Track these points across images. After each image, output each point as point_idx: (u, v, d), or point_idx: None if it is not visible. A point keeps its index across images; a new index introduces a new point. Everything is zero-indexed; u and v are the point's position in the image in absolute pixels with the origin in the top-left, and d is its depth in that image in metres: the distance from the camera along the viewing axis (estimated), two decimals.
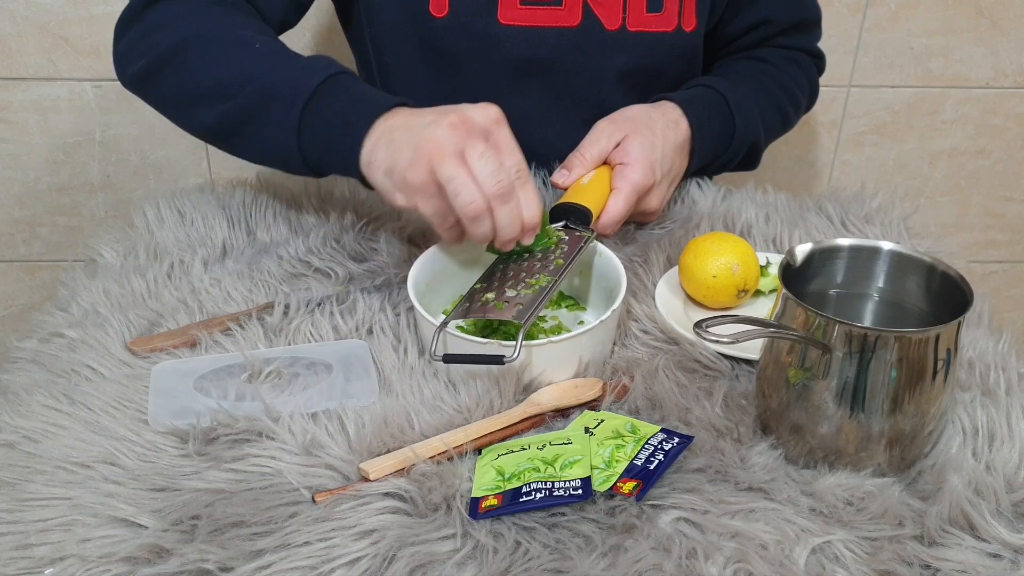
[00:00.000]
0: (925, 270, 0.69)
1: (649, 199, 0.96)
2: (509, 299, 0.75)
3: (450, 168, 0.73)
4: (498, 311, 0.74)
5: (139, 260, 0.92)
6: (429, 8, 1.00)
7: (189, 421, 0.69)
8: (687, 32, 1.05)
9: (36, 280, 1.61)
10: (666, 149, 0.96)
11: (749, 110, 1.06)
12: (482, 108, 0.77)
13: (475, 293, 0.78)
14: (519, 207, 0.76)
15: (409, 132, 0.77)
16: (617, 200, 0.91)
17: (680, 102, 1.00)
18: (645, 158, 0.93)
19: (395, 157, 0.78)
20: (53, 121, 1.46)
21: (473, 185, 0.73)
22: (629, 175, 0.92)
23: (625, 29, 1.02)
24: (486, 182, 0.73)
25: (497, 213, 0.75)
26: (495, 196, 0.74)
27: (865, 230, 0.99)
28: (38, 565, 0.59)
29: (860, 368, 0.62)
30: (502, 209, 0.75)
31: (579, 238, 0.83)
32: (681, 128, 0.99)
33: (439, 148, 0.74)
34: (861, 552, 0.60)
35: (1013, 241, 1.72)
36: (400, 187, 0.77)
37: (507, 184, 0.74)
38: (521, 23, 1.01)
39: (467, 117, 0.75)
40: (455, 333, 0.73)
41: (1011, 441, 0.68)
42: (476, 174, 0.73)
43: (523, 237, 0.78)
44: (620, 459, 0.65)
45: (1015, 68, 1.54)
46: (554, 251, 0.81)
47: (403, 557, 0.59)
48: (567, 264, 0.79)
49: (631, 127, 0.95)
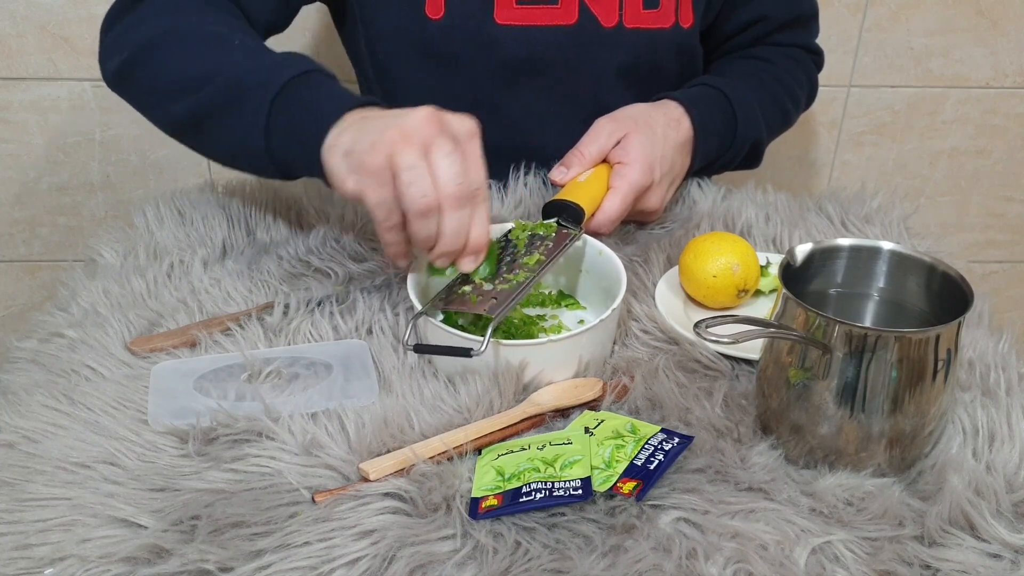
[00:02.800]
0: (925, 270, 0.69)
1: (648, 199, 0.95)
2: (484, 292, 0.75)
3: (410, 157, 0.70)
4: (471, 304, 0.74)
5: (139, 260, 0.92)
6: (425, 10, 1.00)
7: (189, 421, 0.69)
8: (684, 28, 1.05)
9: (36, 280, 1.61)
10: (667, 148, 0.96)
11: (751, 108, 1.06)
12: (460, 117, 0.75)
13: (453, 285, 0.78)
14: (470, 220, 0.73)
15: (380, 121, 0.75)
16: (614, 199, 0.91)
17: (682, 101, 1.00)
18: (644, 157, 0.93)
19: (358, 139, 0.75)
20: (53, 121, 1.46)
21: (429, 179, 0.71)
22: (627, 174, 0.92)
23: (622, 26, 1.02)
24: (445, 181, 0.71)
25: (446, 216, 0.72)
26: (450, 196, 0.71)
27: (865, 230, 0.99)
28: (38, 565, 0.59)
29: (860, 368, 0.62)
30: (453, 214, 0.72)
31: (564, 235, 0.83)
32: (683, 127, 0.99)
33: (404, 135, 0.71)
34: (861, 552, 0.60)
35: (1013, 241, 1.72)
36: (354, 168, 0.74)
37: (466, 189, 0.72)
38: (517, 23, 1.00)
39: (442, 117, 0.74)
40: (435, 323, 0.73)
41: (1011, 441, 0.68)
42: (436, 169, 0.71)
43: (463, 256, 0.75)
44: (620, 459, 0.65)
45: (1015, 68, 1.54)
46: (538, 246, 0.81)
47: (403, 557, 0.59)
48: (548, 260, 0.79)
49: (632, 125, 0.95)
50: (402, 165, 0.71)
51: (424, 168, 0.71)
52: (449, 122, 0.74)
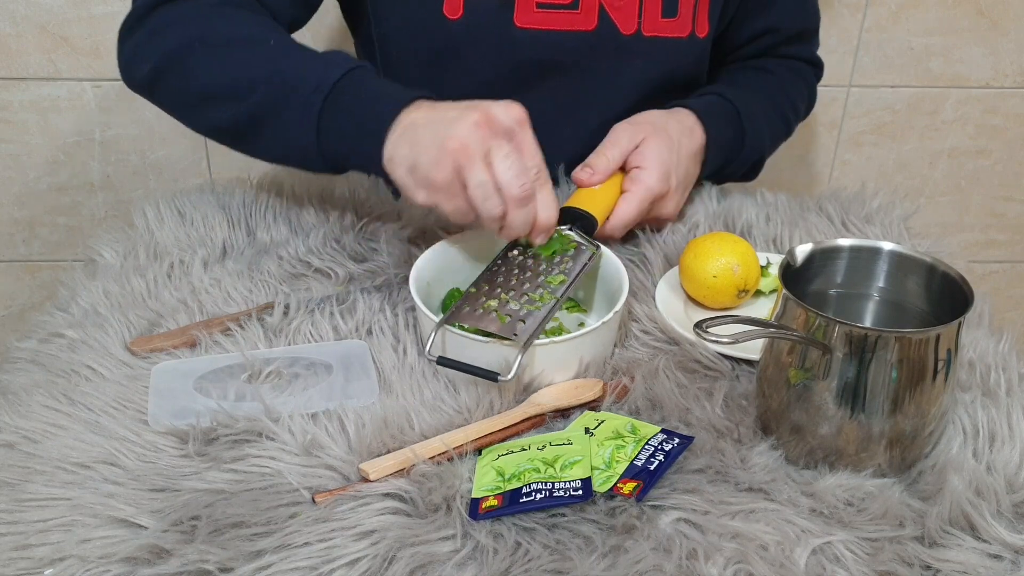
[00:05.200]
0: (925, 270, 0.69)
1: (664, 206, 0.96)
2: (512, 312, 0.75)
3: (479, 173, 0.74)
4: (499, 325, 0.73)
5: (139, 260, 0.92)
6: (443, 9, 0.99)
7: (189, 421, 0.69)
8: (700, 38, 1.05)
9: (36, 280, 1.61)
10: (682, 156, 0.96)
11: (759, 122, 1.06)
12: (505, 106, 0.77)
13: (474, 297, 0.77)
14: (535, 209, 0.77)
15: (432, 128, 0.77)
16: (629, 203, 0.91)
17: (696, 110, 1.00)
18: (662, 163, 0.92)
19: (418, 154, 0.77)
20: (53, 121, 1.46)
21: (497, 192, 0.74)
22: (644, 179, 0.92)
23: (640, 34, 1.02)
24: (508, 185, 0.74)
25: (512, 215, 0.75)
26: (514, 199, 0.74)
27: (865, 230, 0.99)
28: (38, 566, 0.59)
29: (860, 368, 0.62)
30: (517, 212, 0.75)
31: (582, 252, 0.82)
32: (696, 136, 0.99)
33: (465, 149, 0.74)
34: (861, 553, 0.60)
35: (1013, 241, 1.72)
36: (423, 185, 0.77)
37: (528, 188, 0.75)
38: (537, 27, 1.00)
39: (491, 116, 0.75)
40: (455, 331, 0.72)
41: (1012, 442, 0.68)
42: (499, 176, 0.74)
43: (534, 235, 0.78)
44: (620, 460, 0.65)
45: (1015, 68, 1.54)
46: (559, 263, 0.80)
47: (403, 558, 0.59)
48: (571, 281, 0.78)
49: (650, 131, 0.94)
50: (471, 182, 0.74)
51: (491, 182, 0.74)
52: (498, 118, 0.76)
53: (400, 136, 0.79)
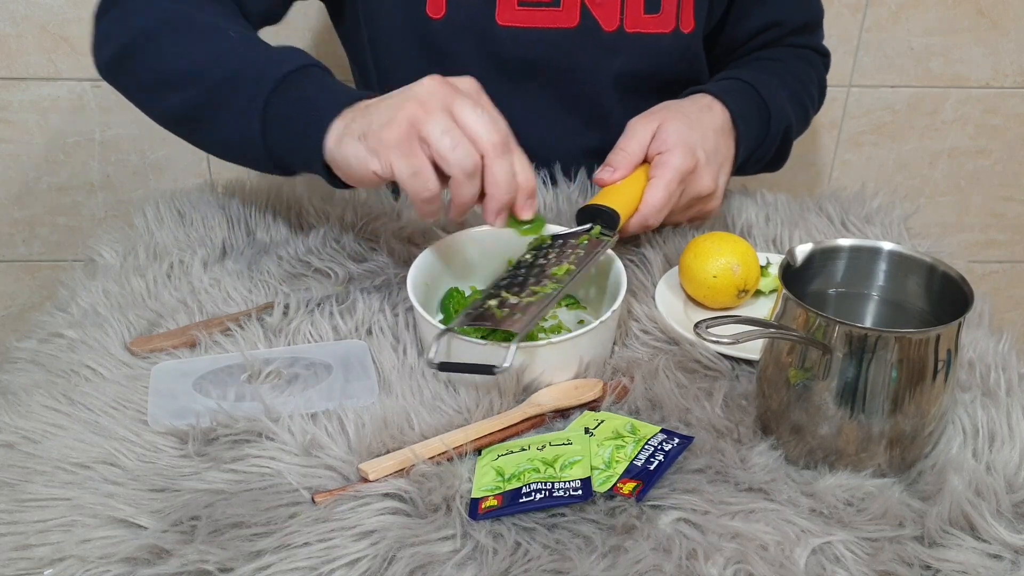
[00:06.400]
0: (925, 270, 0.69)
1: (698, 182, 0.92)
2: (511, 306, 0.74)
3: (441, 122, 0.70)
4: (497, 319, 0.72)
5: (139, 260, 0.92)
6: (426, 9, 0.99)
7: (189, 421, 0.69)
8: (685, 34, 1.04)
9: (36, 280, 1.61)
10: (705, 130, 0.94)
11: (779, 98, 1.04)
12: (461, 78, 0.75)
13: (477, 303, 0.76)
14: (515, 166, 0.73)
15: (386, 101, 0.74)
16: (657, 188, 0.88)
17: (710, 90, 0.99)
18: (682, 141, 0.90)
19: (370, 120, 0.74)
20: (53, 121, 1.46)
21: (467, 139, 0.70)
22: (668, 160, 0.89)
23: (623, 30, 1.02)
24: (482, 134, 0.70)
25: (494, 166, 0.71)
26: (494, 146, 0.70)
27: (865, 230, 0.99)
28: (38, 566, 0.59)
29: (860, 369, 0.62)
30: (499, 162, 0.71)
31: (596, 242, 0.81)
32: (716, 111, 0.97)
33: (422, 104, 0.71)
34: (861, 553, 0.60)
35: (1013, 241, 1.72)
36: (375, 148, 0.73)
37: (504, 136, 0.71)
38: (519, 24, 1.00)
39: (449, 80, 0.73)
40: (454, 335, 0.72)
41: (1011, 442, 0.68)
42: (469, 127, 0.70)
43: (520, 202, 0.74)
44: (620, 460, 0.65)
45: (1015, 68, 1.54)
46: (568, 255, 0.79)
47: (403, 558, 0.59)
48: (578, 270, 0.77)
49: (665, 115, 0.93)
50: (435, 132, 0.70)
51: (458, 130, 0.70)
52: (456, 83, 0.74)
53: (350, 117, 0.76)
